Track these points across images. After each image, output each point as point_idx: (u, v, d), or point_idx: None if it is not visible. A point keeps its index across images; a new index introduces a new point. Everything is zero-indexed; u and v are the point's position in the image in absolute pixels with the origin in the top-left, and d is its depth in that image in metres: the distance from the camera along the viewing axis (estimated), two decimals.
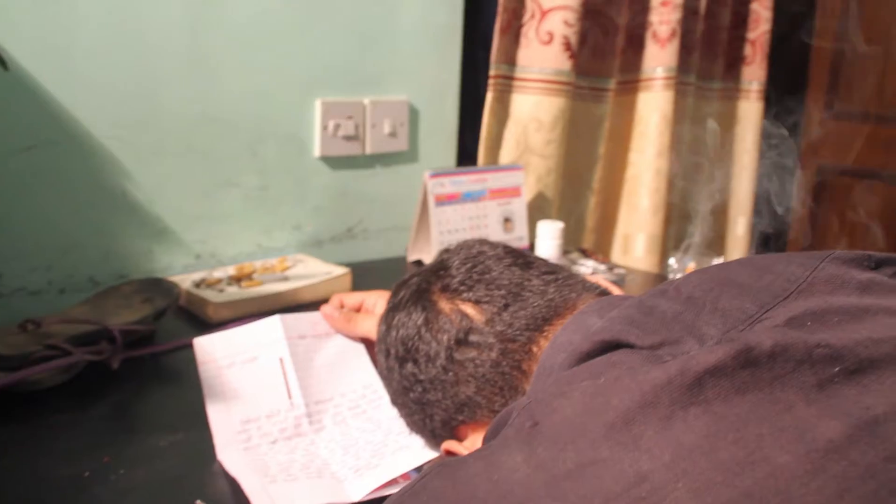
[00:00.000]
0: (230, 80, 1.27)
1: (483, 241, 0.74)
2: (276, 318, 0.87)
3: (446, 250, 0.74)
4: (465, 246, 0.73)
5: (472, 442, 0.65)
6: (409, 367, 0.69)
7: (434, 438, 0.70)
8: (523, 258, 0.70)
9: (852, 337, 0.43)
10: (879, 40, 2.27)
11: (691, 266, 1.31)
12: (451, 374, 0.65)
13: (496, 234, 1.49)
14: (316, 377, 0.85)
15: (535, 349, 0.62)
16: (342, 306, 0.92)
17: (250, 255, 1.36)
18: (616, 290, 0.74)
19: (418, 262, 1.46)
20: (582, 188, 1.78)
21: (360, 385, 0.86)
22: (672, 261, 1.32)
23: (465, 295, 0.67)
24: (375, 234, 1.52)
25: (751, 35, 2.19)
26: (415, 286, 0.72)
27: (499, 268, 0.68)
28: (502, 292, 0.66)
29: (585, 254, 1.46)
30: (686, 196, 2.05)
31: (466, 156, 1.62)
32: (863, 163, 2.34)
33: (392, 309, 0.73)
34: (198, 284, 1.21)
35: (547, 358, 0.56)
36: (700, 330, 0.47)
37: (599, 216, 1.88)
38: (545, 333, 0.62)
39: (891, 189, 2.30)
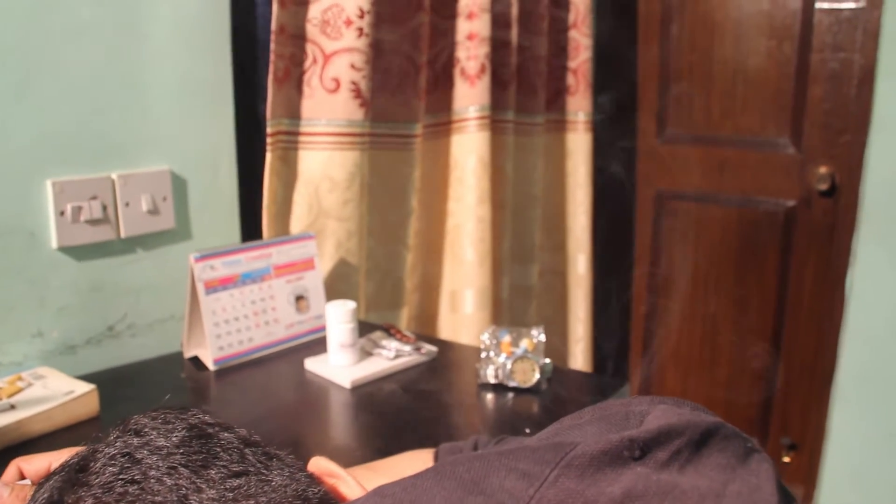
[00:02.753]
0: None
1: (159, 419, 0.53)
2: None
3: (109, 433, 0.53)
4: (130, 430, 0.52)
5: None
6: None
7: None
8: (204, 453, 0.50)
9: None
10: (701, 61, 2.21)
11: (506, 340, 1.14)
12: None
13: (288, 316, 1.28)
14: None
15: None
16: (22, 477, 0.69)
17: None
18: (345, 485, 0.55)
19: (195, 360, 1.24)
20: (396, 246, 1.60)
21: None
22: (485, 336, 1.15)
23: None
24: (145, 329, 1.28)
25: (572, 64, 2.09)
26: (49, 492, 0.51)
27: (159, 471, 0.48)
28: None
29: (389, 333, 1.27)
30: (516, 242, 1.91)
31: (256, 227, 1.40)
32: (699, 186, 2.27)
33: None
34: None
35: None
36: None
37: (421, 274, 1.70)
38: None
39: (727, 211, 2.24)
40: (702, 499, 0.34)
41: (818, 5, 2.01)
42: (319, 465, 0.56)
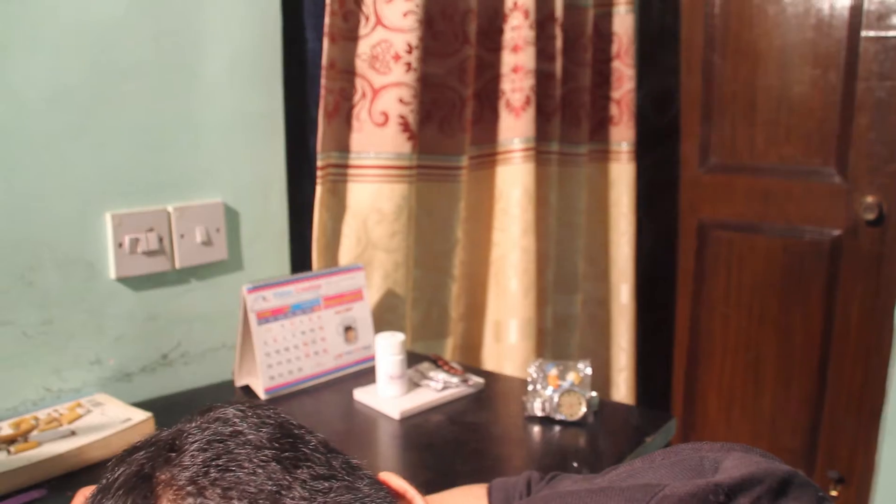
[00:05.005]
0: None
1: (248, 412, 0.53)
2: None
3: (193, 418, 0.53)
4: (218, 419, 0.52)
5: None
6: None
7: None
8: (293, 451, 0.51)
9: None
10: (744, 90, 2.20)
11: (553, 373, 1.14)
12: None
13: (336, 346, 1.30)
14: None
15: None
16: None
17: (37, 402, 1.14)
18: (412, 498, 0.56)
19: (246, 389, 1.26)
20: (441, 276, 1.61)
21: None
22: (531, 369, 1.16)
23: (191, 500, 0.46)
24: (197, 357, 1.31)
25: (615, 94, 2.10)
26: (137, 466, 0.50)
27: (252, 463, 0.48)
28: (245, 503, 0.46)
29: (437, 363, 1.28)
30: (559, 272, 1.92)
31: (305, 259, 1.43)
32: (742, 215, 2.26)
33: (102, 490, 0.51)
34: None
35: None
36: None
37: (466, 304, 1.71)
38: None
39: (771, 241, 2.22)
40: None
41: (864, 33, 2.00)
42: (392, 481, 0.56)
